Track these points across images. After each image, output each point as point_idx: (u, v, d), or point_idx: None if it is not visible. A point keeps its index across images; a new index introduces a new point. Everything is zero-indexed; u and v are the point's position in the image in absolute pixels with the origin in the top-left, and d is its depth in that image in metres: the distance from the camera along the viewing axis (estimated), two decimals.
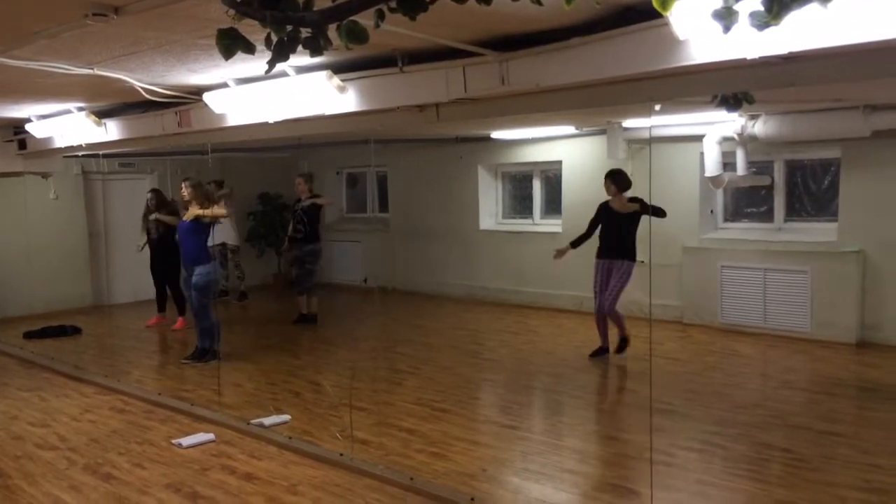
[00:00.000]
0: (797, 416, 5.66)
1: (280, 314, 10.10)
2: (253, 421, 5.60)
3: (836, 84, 3.75)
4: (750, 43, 2.80)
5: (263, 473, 4.71)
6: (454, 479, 4.53)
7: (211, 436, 5.39)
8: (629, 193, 7.09)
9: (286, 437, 5.24)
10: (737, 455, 4.86)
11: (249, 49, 2.67)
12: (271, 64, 2.64)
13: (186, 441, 5.29)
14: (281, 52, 2.63)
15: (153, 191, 9.40)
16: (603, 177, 7.24)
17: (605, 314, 7.15)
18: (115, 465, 4.94)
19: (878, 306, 7.59)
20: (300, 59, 3.67)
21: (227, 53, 2.66)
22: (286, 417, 5.74)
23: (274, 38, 2.58)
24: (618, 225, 7.06)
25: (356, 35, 2.60)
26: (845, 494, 4.19)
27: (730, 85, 3.31)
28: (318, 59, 4.27)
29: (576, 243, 7.32)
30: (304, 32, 2.61)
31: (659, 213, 6.70)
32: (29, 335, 9.03)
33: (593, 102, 3.64)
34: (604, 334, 7.29)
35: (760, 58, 2.83)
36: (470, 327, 9.24)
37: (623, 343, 7.19)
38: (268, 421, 5.62)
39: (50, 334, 9.10)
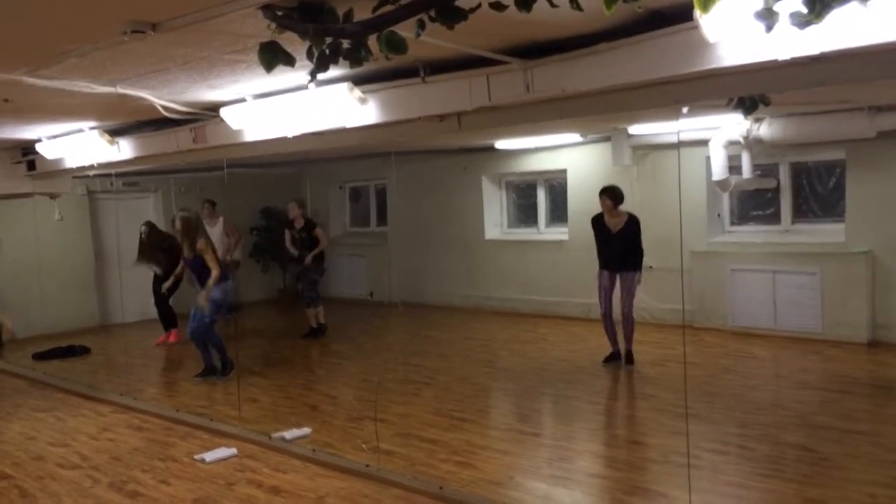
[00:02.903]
0: (816, 415, 5.68)
1: (288, 328, 10.10)
2: (274, 435, 5.60)
3: (860, 83, 3.78)
4: (780, 44, 2.84)
5: (290, 486, 4.70)
6: (482, 487, 4.53)
7: (233, 450, 5.38)
8: (623, 207, 7.21)
9: (310, 450, 5.23)
10: (762, 456, 4.87)
11: (290, 62, 2.72)
12: (313, 75, 2.69)
13: (209, 456, 5.27)
14: (322, 64, 2.67)
15: (147, 224, 9.36)
16: (609, 183, 7.33)
17: (617, 317, 7.19)
18: (139, 482, 4.92)
19: (888, 305, 7.64)
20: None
21: (269, 66, 2.70)
22: (307, 430, 5.73)
23: (315, 51, 2.62)
24: (614, 239, 7.16)
25: (395, 45, 2.64)
26: (874, 491, 4.21)
27: (758, 86, 3.35)
28: (338, 72, 4.31)
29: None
30: (345, 44, 2.65)
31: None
32: (38, 356, 9.01)
33: (619, 107, 3.67)
34: (613, 340, 7.32)
35: (791, 59, 2.87)
36: (480, 337, 9.25)
37: (629, 356, 7.20)
38: (289, 434, 5.61)
39: (59, 355, 9.09)
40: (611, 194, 7.15)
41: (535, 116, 4.01)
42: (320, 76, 4.21)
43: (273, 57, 2.67)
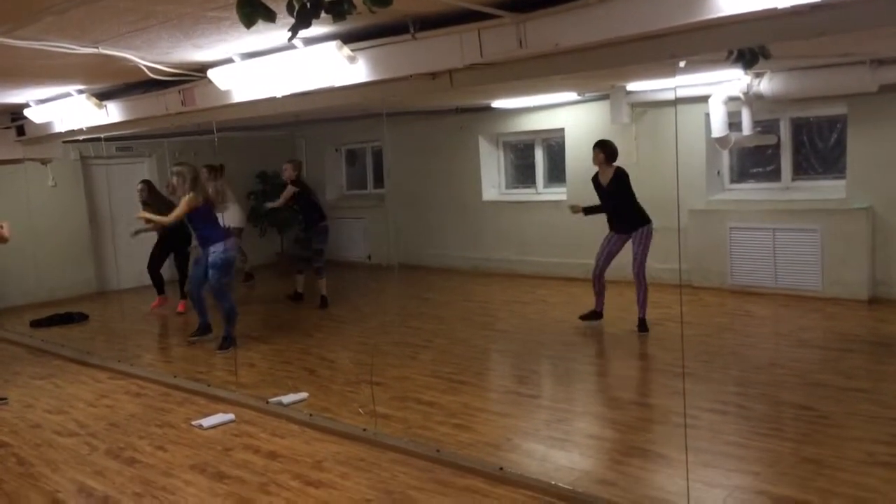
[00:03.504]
0: (815, 373, 5.65)
1: (287, 293, 10.05)
2: (272, 400, 5.58)
3: (863, 31, 3.66)
4: None
5: (287, 451, 4.69)
6: (480, 449, 4.51)
7: (231, 416, 5.37)
8: (624, 165, 7.09)
9: (307, 415, 5.22)
10: (760, 415, 4.85)
11: (270, 17, 2.61)
12: (294, 31, 2.58)
13: (207, 422, 5.26)
14: (303, 19, 2.56)
15: (144, 182, 9.26)
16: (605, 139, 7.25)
17: (625, 276, 7.12)
18: (137, 448, 4.91)
19: (888, 262, 7.58)
20: (307, 29, 3.59)
21: (249, 22, 2.59)
22: (304, 395, 5.71)
23: (296, 4, 2.52)
24: (608, 195, 7.06)
25: None
26: (872, 449, 4.19)
27: (758, 37, 3.22)
28: (326, 30, 4.19)
29: (588, 211, 7.26)
30: None
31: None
32: (36, 323, 8.99)
33: (615, 62, 3.55)
34: (599, 295, 7.24)
35: (791, 7, 2.76)
36: (478, 299, 9.21)
37: (642, 323, 6.99)
38: (286, 399, 5.59)
39: (57, 322, 9.07)
40: (602, 148, 7.05)
41: (528, 73, 3.90)
42: (308, 34, 4.11)
43: (252, 11, 2.56)
